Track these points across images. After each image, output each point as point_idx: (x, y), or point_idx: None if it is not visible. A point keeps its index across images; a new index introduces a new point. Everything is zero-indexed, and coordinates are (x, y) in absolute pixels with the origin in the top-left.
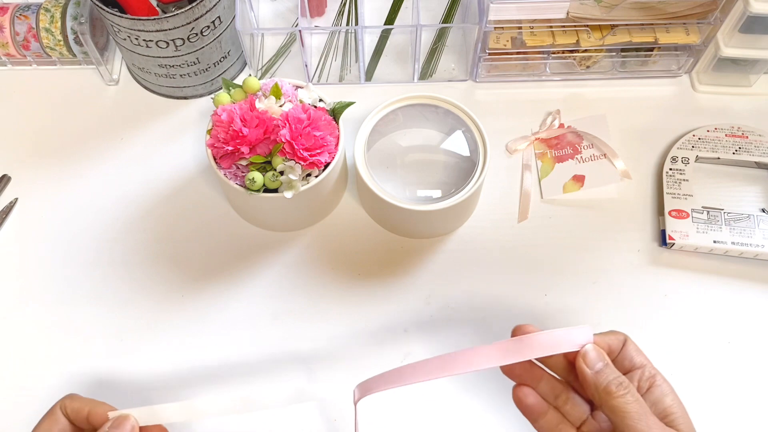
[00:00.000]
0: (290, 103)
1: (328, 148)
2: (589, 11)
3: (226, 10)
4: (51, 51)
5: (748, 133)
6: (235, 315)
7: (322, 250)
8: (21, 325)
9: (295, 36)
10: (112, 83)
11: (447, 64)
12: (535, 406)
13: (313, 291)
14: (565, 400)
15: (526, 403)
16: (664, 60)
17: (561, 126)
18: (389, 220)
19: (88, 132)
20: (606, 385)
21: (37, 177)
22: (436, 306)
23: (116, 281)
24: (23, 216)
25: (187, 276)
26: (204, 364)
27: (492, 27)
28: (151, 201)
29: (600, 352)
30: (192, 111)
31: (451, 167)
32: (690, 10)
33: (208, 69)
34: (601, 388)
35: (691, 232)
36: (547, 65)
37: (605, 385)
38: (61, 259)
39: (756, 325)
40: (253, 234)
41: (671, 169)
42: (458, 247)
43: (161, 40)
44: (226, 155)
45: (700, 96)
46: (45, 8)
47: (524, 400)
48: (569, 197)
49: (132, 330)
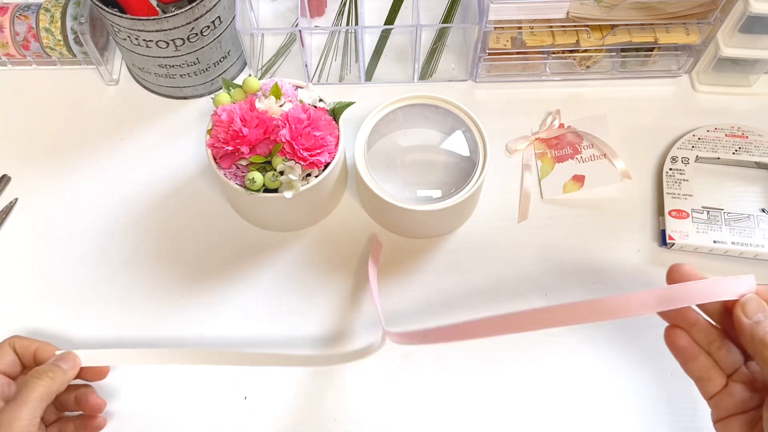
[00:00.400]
0: (290, 103)
1: (328, 148)
2: (589, 11)
3: (226, 10)
4: (51, 51)
5: (748, 133)
6: (235, 315)
7: (322, 250)
8: (21, 325)
9: (295, 36)
10: (112, 83)
11: (447, 64)
12: (686, 348)
13: (313, 291)
14: (719, 347)
15: (678, 344)
16: (664, 60)
17: (561, 126)
18: (389, 220)
19: (88, 132)
20: (762, 336)
21: (37, 177)
22: (436, 306)
23: (116, 281)
24: (23, 216)
25: (187, 276)
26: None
27: (492, 27)
28: (151, 201)
29: (761, 304)
30: (192, 111)
31: (451, 167)
32: (690, 10)
33: (208, 69)
34: (757, 338)
35: (691, 232)
36: (547, 65)
37: (762, 335)
38: (60, 259)
39: None
40: (253, 234)
41: (671, 169)
42: (458, 247)
43: (161, 40)
44: (226, 155)
45: (700, 96)
46: (45, 8)
47: (676, 341)
48: (569, 197)
49: (132, 330)
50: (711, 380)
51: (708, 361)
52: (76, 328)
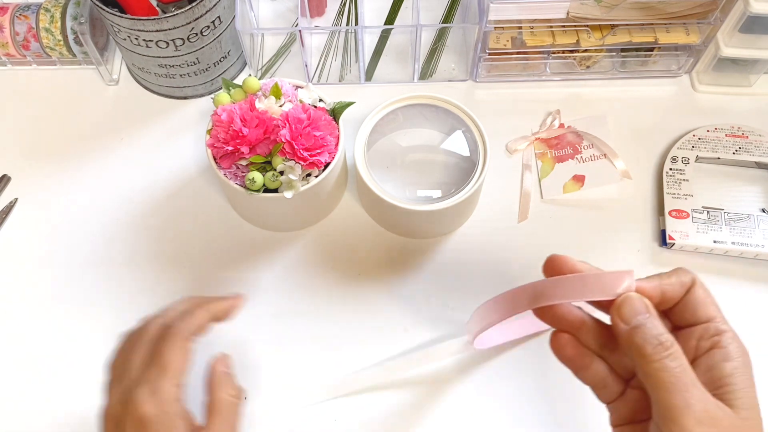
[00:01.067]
0: (290, 103)
1: (328, 148)
2: (589, 11)
3: (226, 10)
4: (51, 51)
5: (748, 133)
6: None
7: (322, 250)
8: (21, 325)
9: (295, 36)
10: (112, 83)
11: (447, 64)
12: (576, 357)
13: (313, 291)
14: (612, 350)
15: (565, 354)
16: (664, 60)
17: (561, 126)
18: (389, 220)
19: (88, 132)
20: (640, 346)
21: (37, 177)
22: (436, 306)
23: (116, 281)
24: (23, 216)
25: (187, 276)
26: (203, 364)
27: (492, 27)
28: (151, 201)
29: (642, 303)
30: (192, 111)
31: (451, 167)
32: (690, 10)
33: (208, 69)
34: (635, 347)
35: (691, 232)
36: (547, 65)
37: (640, 344)
38: (60, 259)
39: (756, 325)
40: (253, 234)
41: (671, 169)
42: (458, 247)
43: (161, 40)
44: (226, 155)
45: (700, 96)
46: (45, 8)
47: (562, 350)
48: (569, 197)
49: None
50: (607, 388)
51: (602, 368)
52: (76, 328)
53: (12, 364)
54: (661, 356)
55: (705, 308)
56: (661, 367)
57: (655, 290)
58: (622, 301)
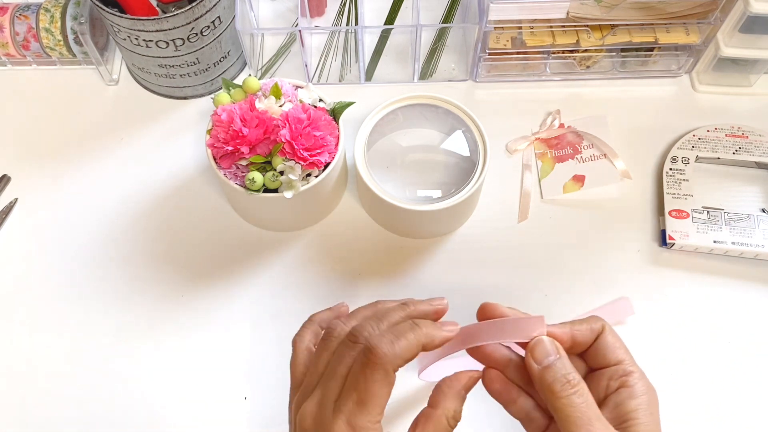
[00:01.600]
0: (290, 103)
1: (328, 148)
2: (589, 11)
3: (226, 10)
4: (51, 51)
5: (748, 133)
6: (235, 315)
7: (322, 250)
8: (21, 324)
9: (295, 36)
10: (112, 83)
11: (447, 64)
12: (502, 391)
13: (313, 291)
14: None
15: (493, 388)
16: (664, 60)
17: (561, 126)
18: (389, 220)
19: (88, 132)
20: (550, 384)
21: (37, 177)
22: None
23: (116, 281)
24: (23, 216)
25: (186, 276)
26: (204, 365)
27: (492, 27)
28: (151, 201)
29: (553, 345)
30: (192, 111)
31: (451, 167)
32: (690, 10)
33: (208, 69)
34: (546, 385)
35: (691, 232)
36: (547, 65)
37: (550, 382)
38: (60, 259)
39: (756, 325)
40: (253, 234)
41: (671, 169)
42: (458, 247)
43: (161, 40)
44: (226, 155)
45: (700, 96)
46: (45, 8)
47: (490, 385)
48: (569, 197)
49: (132, 330)
50: (534, 422)
51: (528, 403)
52: (76, 328)
53: (12, 364)
54: (568, 393)
55: (614, 352)
56: (568, 402)
57: (565, 335)
58: (534, 343)
